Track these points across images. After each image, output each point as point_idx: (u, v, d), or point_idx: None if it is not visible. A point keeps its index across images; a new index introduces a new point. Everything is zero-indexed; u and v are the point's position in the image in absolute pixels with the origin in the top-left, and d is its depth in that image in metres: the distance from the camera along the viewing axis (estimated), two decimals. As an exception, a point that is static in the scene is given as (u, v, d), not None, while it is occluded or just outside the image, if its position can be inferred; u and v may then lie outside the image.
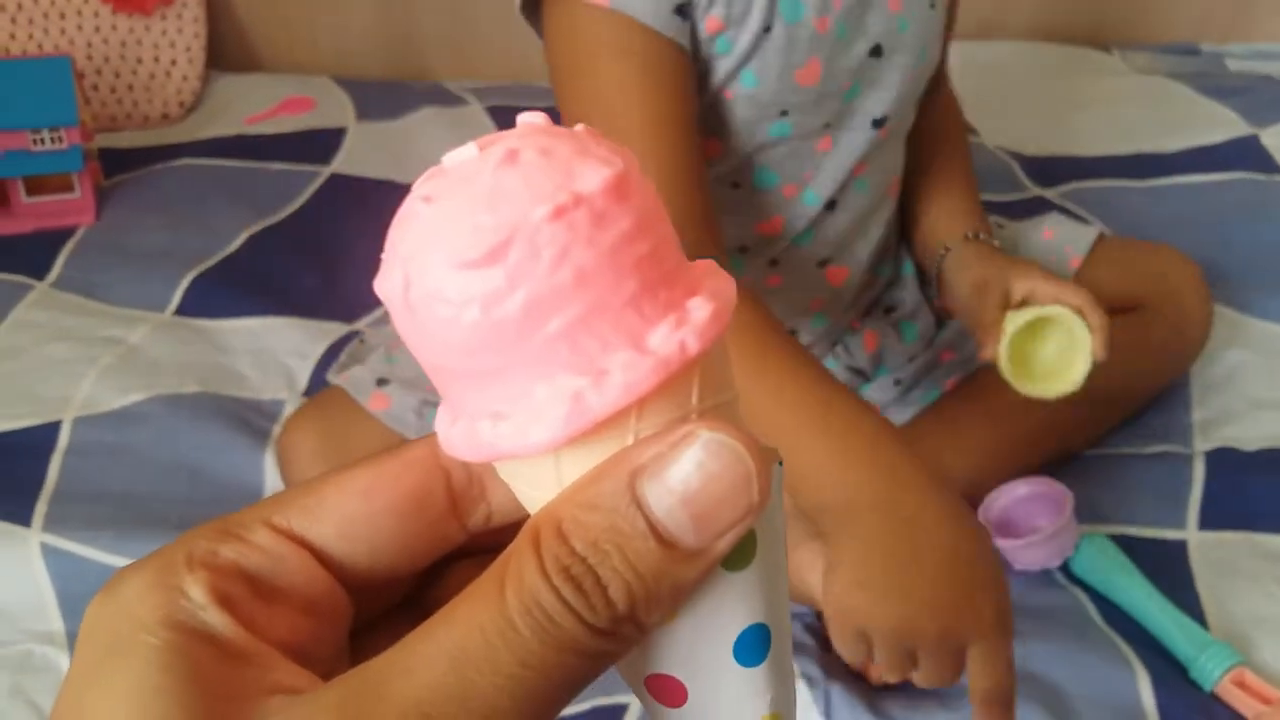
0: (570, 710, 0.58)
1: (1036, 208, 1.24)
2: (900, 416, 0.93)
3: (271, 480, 0.91)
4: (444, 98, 1.45)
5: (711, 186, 0.81)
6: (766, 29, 0.74)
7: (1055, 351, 0.80)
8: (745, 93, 0.77)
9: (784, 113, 0.78)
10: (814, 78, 0.77)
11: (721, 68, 0.76)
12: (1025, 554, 0.83)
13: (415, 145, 1.35)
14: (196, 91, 1.45)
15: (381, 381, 0.87)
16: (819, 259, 0.87)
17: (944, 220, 0.90)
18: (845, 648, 0.59)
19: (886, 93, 0.81)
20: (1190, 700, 0.74)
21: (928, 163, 0.92)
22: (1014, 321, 0.78)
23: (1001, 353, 0.78)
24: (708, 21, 0.74)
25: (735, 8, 0.73)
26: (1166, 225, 1.19)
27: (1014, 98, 1.44)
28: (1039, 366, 0.80)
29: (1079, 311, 0.78)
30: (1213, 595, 0.82)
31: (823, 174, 0.82)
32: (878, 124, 0.82)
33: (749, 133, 0.79)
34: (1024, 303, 0.80)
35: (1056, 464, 0.91)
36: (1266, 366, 1.01)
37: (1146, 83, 1.51)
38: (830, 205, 0.84)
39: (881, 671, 0.59)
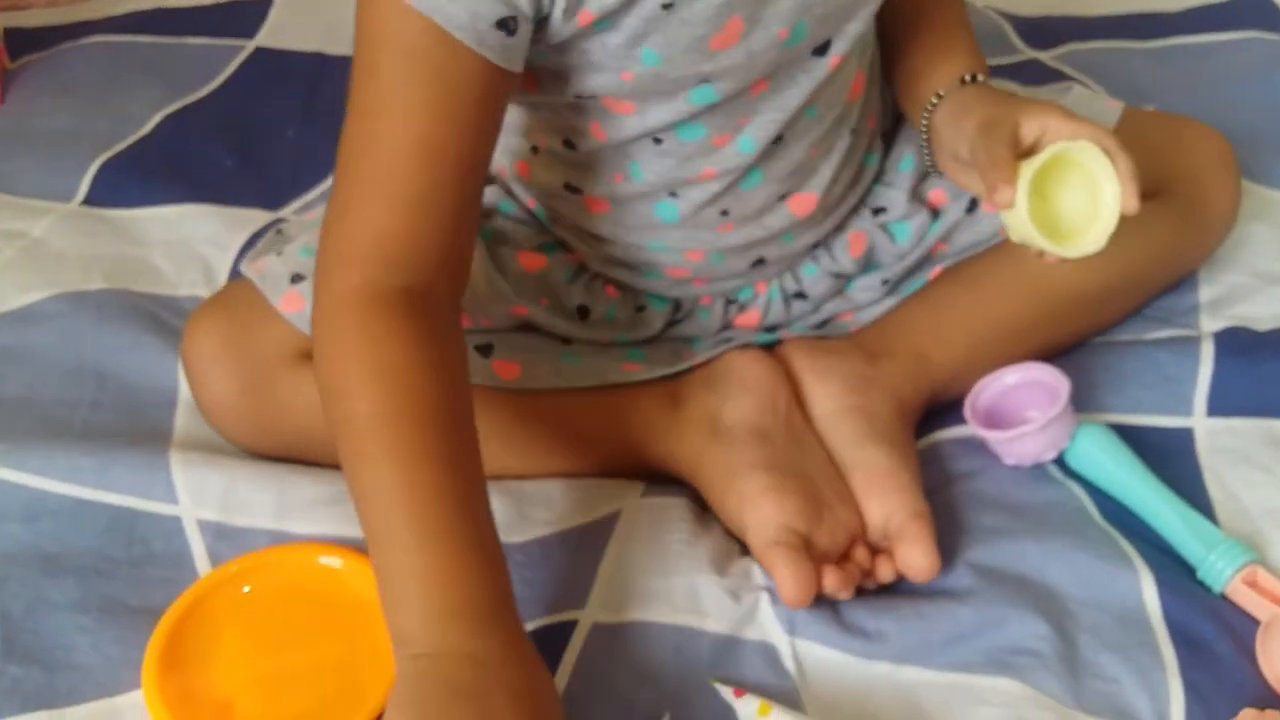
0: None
1: (1030, 72, 1.15)
2: (880, 309, 0.84)
3: (185, 385, 0.83)
4: (382, -37, 1.34)
5: (632, 143, 0.71)
6: (667, 6, 0.63)
7: (1076, 205, 0.68)
8: (649, 71, 0.66)
9: (704, 80, 0.68)
10: (734, 38, 0.66)
11: (608, 48, 0.65)
12: (1015, 447, 0.77)
13: (348, 14, 1.23)
14: (110, -37, 1.33)
15: (297, 278, 0.76)
16: (778, 194, 0.76)
17: (934, 62, 0.78)
18: None
19: (840, 27, 0.70)
20: (1198, 602, 0.68)
21: (911, 6, 0.80)
22: (1031, 163, 0.67)
23: (1020, 198, 0.66)
24: (580, 15, 0.63)
25: None
26: (1171, 89, 1.11)
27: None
28: (1056, 224, 0.69)
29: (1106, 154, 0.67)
30: (1222, 487, 0.76)
31: (760, 118, 0.71)
32: (821, 52, 0.70)
33: (665, 105, 0.69)
34: (1034, 149, 0.68)
35: (1050, 355, 0.83)
36: (1280, 238, 0.94)
37: (1150, -64, 1.41)
38: (778, 140, 0.73)
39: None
